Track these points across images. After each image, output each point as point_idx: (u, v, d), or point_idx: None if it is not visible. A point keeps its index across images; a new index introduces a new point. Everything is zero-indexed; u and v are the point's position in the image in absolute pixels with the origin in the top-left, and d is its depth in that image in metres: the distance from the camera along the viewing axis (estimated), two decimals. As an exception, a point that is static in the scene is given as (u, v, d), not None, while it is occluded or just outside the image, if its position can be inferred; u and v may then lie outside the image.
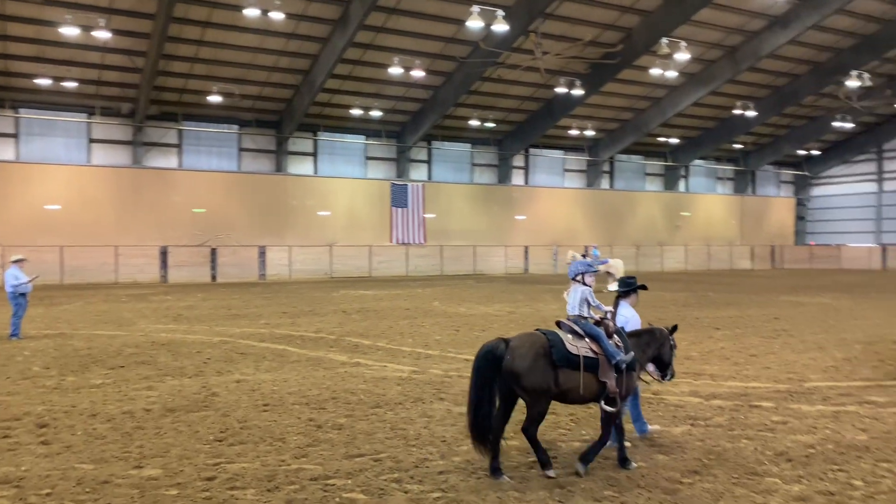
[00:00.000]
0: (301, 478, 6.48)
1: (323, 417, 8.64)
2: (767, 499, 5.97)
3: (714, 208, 54.50)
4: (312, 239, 39.41)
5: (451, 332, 16.34)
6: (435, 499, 5.98)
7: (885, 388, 10.25)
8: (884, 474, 6.56)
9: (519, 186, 47.21)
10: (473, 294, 27.40)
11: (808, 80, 42.36)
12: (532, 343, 6.53)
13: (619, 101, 42.82)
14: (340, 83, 36.44)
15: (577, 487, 6.22)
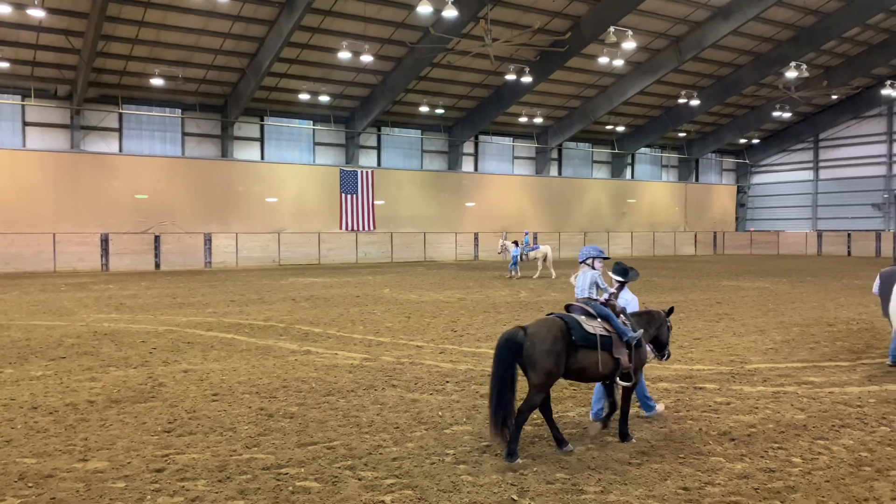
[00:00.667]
0: (253, 467, 6.41)
1: (274, 406, 8.55)
2: (712, 477, 6.16)
3: (659, 195, 55.68)
4: (259, 226, 38.81)
5: (403, 318, 16.34)
6: (389, 485, 5.99)
7: (821, 369, 10.67)
8: (820, 451, 6.84)
9: (469, 173, 47.32)
10: (424, 281, 27.43)
11: (749, 71, 43.51)
12: (549, 327, 6.75)
13: (568, 88, 43.24)
14: (287, 67, 35.82)
15: (530, 470, 6.31)
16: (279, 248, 38.62)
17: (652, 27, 36.94)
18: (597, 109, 44.98)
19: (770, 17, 37.45)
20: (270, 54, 32.66)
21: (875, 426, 7.66)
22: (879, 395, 9.05)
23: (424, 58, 35.41)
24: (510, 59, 37.01)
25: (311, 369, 10.70)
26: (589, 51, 36.88)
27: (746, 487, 5.91)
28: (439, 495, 5.77)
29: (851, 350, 12.16)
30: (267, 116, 40.49)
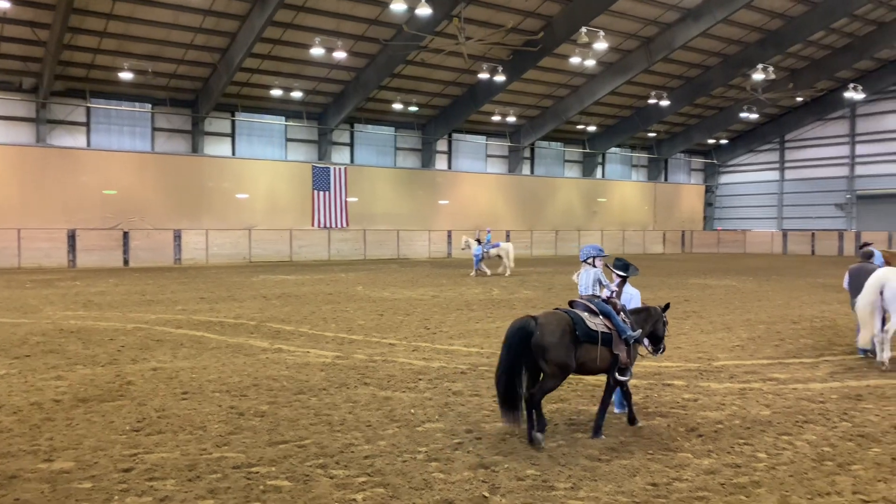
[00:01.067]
0: (223, 466, 6.37)
1: (245, 405, 8.50)
2: (680, 473, 6.27)
3: (629, 194, 56.24)
4: (230, 222, 38.41)
5: (375, 316, 16.32)
6: (361, 483, 5.99)
7: (786, 366, 10.90)
8: (785, 446, 7.00)
9: (442, 171, 47.34)
10: (397, 278, 27.40)
11: (718, 72, 44.14)
12: (558, 320, 7.08)
13: (540, 88, 43.46)
14: (259, 62, 35.49)
15: (501, 467, 6.36)
16: (250, 244, 38.27)
17: (623, 28, 37.29)
18: (568, 109, 45.28)
19: (738, 20, 38.03)
20: (242, 49, 32.33)
21: (837, 422, 7.85)
22: (841, 391, 9.28)
23: (398, 55, 35.35)
24: (483, 58, 37.10)
25: (282, 367, 10.65)
26: (561, 51, 37.11)
27: (713, 483, 6.02)
28: (411, 493, 5.79)
29: (814, 347, 12.43)
30: (238, 112, 40.07)
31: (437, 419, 7.91)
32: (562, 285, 24.66)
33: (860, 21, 40.81)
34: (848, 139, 53.32)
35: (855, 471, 6.31)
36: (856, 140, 52.94)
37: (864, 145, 52.45)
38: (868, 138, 52.16)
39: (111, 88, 35.55)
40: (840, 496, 5.75)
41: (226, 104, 38.81)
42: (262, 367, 10.63)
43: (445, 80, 40.88)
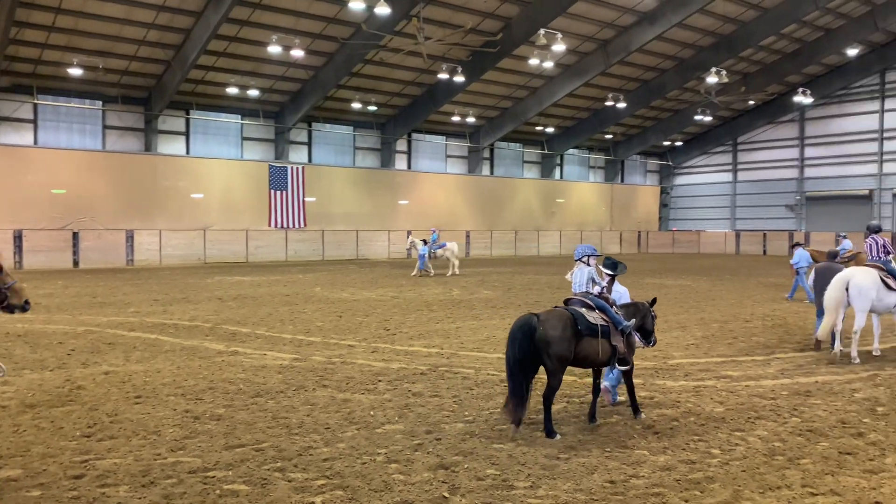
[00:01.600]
0: (178, 471, 6.24)
1: (200, 408, 8.35)
2: (637, 470, 6.36)
3: (586, 195, 56.93)
4: (185, 222, 37.69)
5: (334, 317, 16.19)
6: (320, 486, 5.94)
7: (738, 363, 11.15)
8: (738, 442, 7.15)
9: (402, 171, 47.23)
10: (356, 279, 27.25)
11: (673, 75, 44.98)
12: (560, 316, 7.43)
13: (499, 89, 43.69)
14: (215, 60, 34.91)
15: (461, 467, 6.37)
16: (205, 245, 37.62)
17: (581, 30, 37.72)
18: (527, 110, 45.63)
19: (692, 24, 38.81)
20: (197, 46, 31.77)
21: (787, 417, 8.06)
22: (791, 387, 9.53)
23: (356, 54, 35.16)
24: (443, 58, 37.13)
25: (238, 370, 10.49)
26: (520, 52, 37.37)
27: (669, 479, 6.12)
28: (371, 495, 5.76)
29: (766, 345, 12.74)
30: (193, 110, 39.36)
31: (396, 420, 7.88)
32: (521, 285, 24.84)
33: (808, 27, 42.03)
34: (797, 142, 54.86)
35: (804, 465, 6.49)
36: (805, 143, 54.49)
37: (813, 148, 54.02)
38: (816, 141, 53.74)
39: (60, 85, 34.57)
40: (790, 489, 5.90)
41: (180, 102, 38.09)
42: (218, 370, 10.45)
43: (405, 80, 40.81)
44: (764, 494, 5.79)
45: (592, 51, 40.24)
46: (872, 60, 47.91)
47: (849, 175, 51.72)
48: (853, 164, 51.52)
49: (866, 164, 50.84)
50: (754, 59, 45.48)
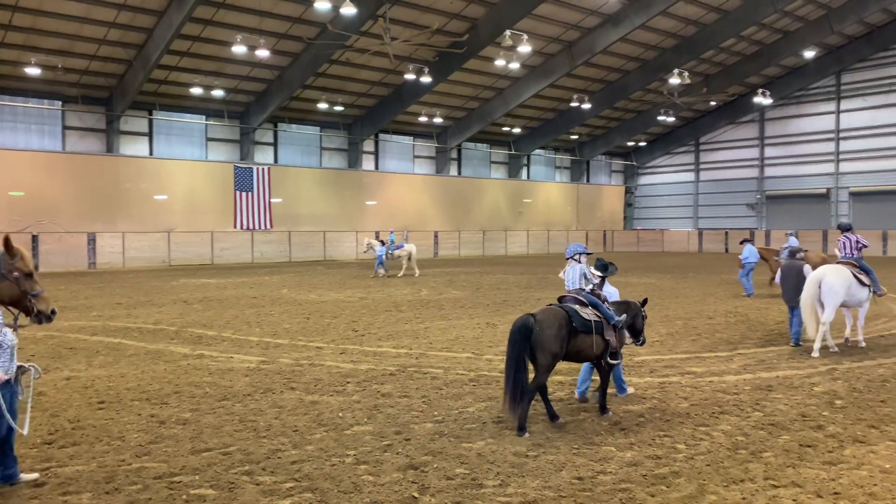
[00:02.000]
0: (143, 477, 6.15)
1: (166, 413, 8.23)
2: (604, 466, 6.44)
3: (553, 195, 57.37)
4: (148, 225, 37.07)
5: (302, 319, 16.08)
6: (288, 489, 5.90)
7: (702, 359, 11.35)
8: (702, 437, 7.29)
9: (369, 172, 47.08)
10: (324, 280, 27.09)
11: (637, 77, 45.57)
12: (555, 315, 7.67)
13: (466, 90, 43.81)
14: (178, 60, 34.41)
15: (431, 467, 6.38)
16: (170, 247, 37.05)
17: (546, 32, 38.01)
18: (494, 111, 45.83)
19: (655, 26, 39.37)
20: (160, 46, 31.28)
21: (750, 412, 8.23)
22: (753, 382, 9.73)
23: (322, 54, 34.96)
24: (409, 59, 37.11)
25: (205, 373, 10.36)
26: (486, 53, 37.53)
27: (636, 474, 6.21)
28: (340, 496, 5.74)
29: (729, 341, 12.99)
30: (156, 110, 38.74)
31: (365, 422, 7.87)
32: (489, 285, 24.93)
33: (767, 29, 42.92)
34: (757, 142, 55.95)
35: (766, 458, 6.63)
36: (765, 143, 55.61)
37: (772, 148, 55.16)
38: (775, 141, 54.88)
39: (17, 84, 33.75)
40: (753, 482, 6.03)
41: (143, 102, 37.47)
42: (184, 374, 10.32)
43: (371, 80, 40.69)
44: (728, 488, 5.91)
45: (557, 52, 40.57)
46: (828, 62, 49.13)
47: (807, 174, 52.92)
48: (811, 164, 52.73)
49: (823, 164, 52.07)
50: (715, 61, 46.29)
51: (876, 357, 11.44)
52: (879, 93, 48.84)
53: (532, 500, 5.66)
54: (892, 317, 15.99)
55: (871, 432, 7.42)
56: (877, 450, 6.85)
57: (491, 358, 11.49)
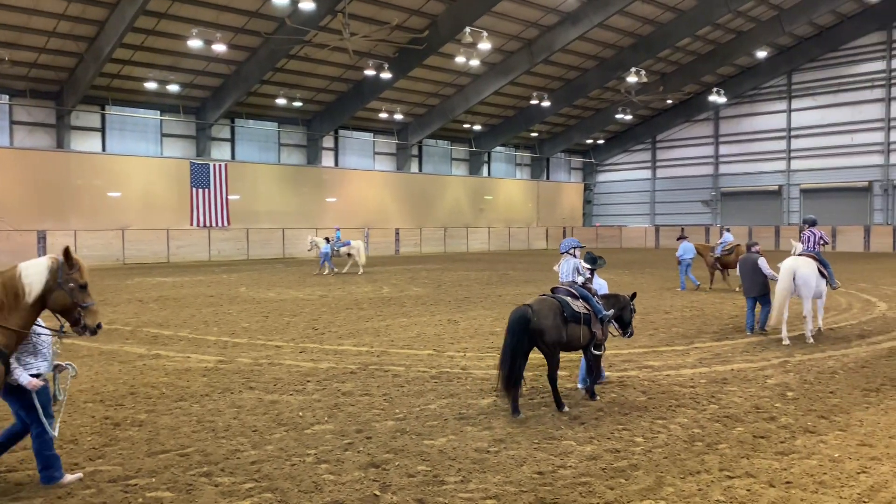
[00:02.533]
0: (98, 480, 6.01)
1: (121, 414, 8.05)
2: (564, 460, 6.50)
3: (514, 192, 57.72)
4: (101, 222, 36.20)
5: (260, 318, 15.89)
6: (248, 489, 5.83)
7: (659, 354, 11.54)
8: (660, 430, 7.41)
9: (329, 168, 46.71)
10: (283, 278, 26.81)
11: (595, 75, 46.09)
12: (550, 305, 8.16)
13: (427, 86, 43.76)
14: (132, 54, 33.63)
15: (392, 465, 6.37)
16: (124, 245, 36.25)
17: (506, 29, 38.17)
18: (455, 108, 45.88)
19: (613, 25, 39.86)
20: (112, 39, 30.51)
21: (705, 404, 8.40)
22: (709, 375, 9.94)
23: (280, 49, 34.53)
24: (369, 55, 36.89)
25: (161, 374, 10.17)
26: (446, 50, 37.54)
27: (595, 468, 6.29)
28: (300, 496, 5.69)
29: (685, 335, 13.24)
30: (109, 105, 37.83)
31: (326, 420, 7.81)
32: (451, 282, 24.98)
33: (721, 29, 43.81)
34: (712, 140, 57.10)
35: (721, 449, 6.78)
36: (719, 141, 56.78)
37: (727, 146, 56.35)
38: (729, 139, 56.08)
39: (-39, 77, 32.67)
40: (709, 473, 6.15)
41: (95, 97, 36.54)
42: (140, 375, 10.11)
43: (330, 76, 40.36)
44: (685, 479, 6.02)
45: (517, 50, 40.79)
46: (780, 62, 50.38)
47: (760, 172, 54.22)
48: (764, 161, 54.04)
49: (775, 161, 53.40)
50: (671, 60, 47.08)
51: (826, 349, 11.79)
52: (828, 92, 50.28)
53: (493, 496, 5.69)
54: (840, 310, 16.49)
55: (820, 423, 7.64)
56: (826, 439, 7.06)
57: (453, 355, 11.52)
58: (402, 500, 5.62)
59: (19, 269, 5.74)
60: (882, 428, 7.43)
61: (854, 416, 7.89)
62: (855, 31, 47.63)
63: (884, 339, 12.83)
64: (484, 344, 12.44)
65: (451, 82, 43.81)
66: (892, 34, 47.32)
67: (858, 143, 49.18)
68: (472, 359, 11.16)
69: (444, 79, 43.08)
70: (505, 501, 5.59)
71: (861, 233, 47.68)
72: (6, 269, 5.79)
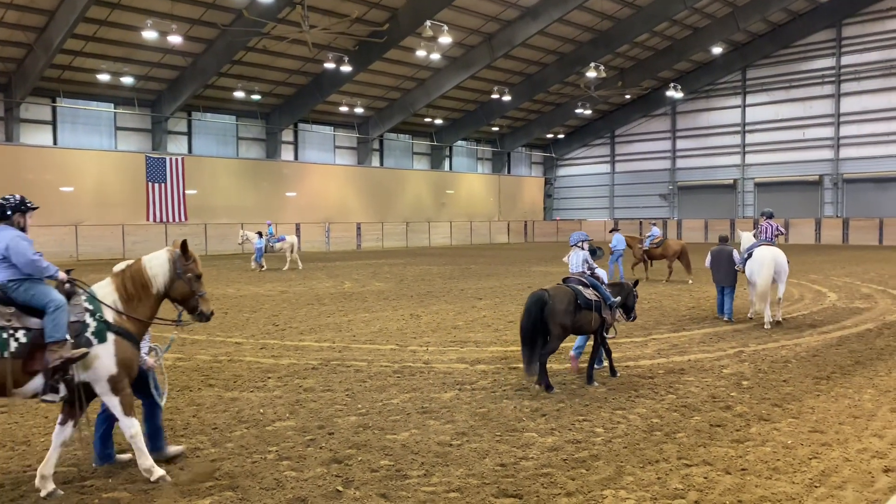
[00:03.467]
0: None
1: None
2: (526, 452, 6.56)
3: (475, 187, 57.87)
4: (54, 218, 35.13)
5: (219, 314, 15.63)
6: (208, 488, 5.75)
7: (619, 345, 11.68)
8: (619, 420, 7.52)
9: (289, 162, 46.21)
10: (242, 274, 26.46)
11: (555, 70, 46.43)
12: (565, 292, 8.98)
13: (387, 80, 43.55)
14: (84, 45, 32.76)
15: (355, 460, 6.35)
16: (77, 241, 35.35)
17: (466, 23, 38.18)
18: (416, 102, 45.78)
19: (572, 20, 40.19)
20: (62, 30, 29.67)
21: (664, 394, 8.55)
22: (667, 366, 10.12)
23: (238, 41, 34.01)
24: (328, 48, 36.57)
25: (117, 372, 9.93)
26: (407, 43, 37.39)
27: (556, 459, 6.35)
28: (262, 494, 5.64)
29: (643, 327, 13.44)
30: (60, 98, 36.80)
31: (287, 417, 7.74)
32: (413, 276, 24.95)
33: (678, 25, 44.52)
34: (670, 134, 58.03)
35: (679, 438, 6.91)
36: (676, 135, 57.73)
37: (683, 140, 57.33)
38: (686, 134, 57.07)
39: None
40: (667, 462, 6.27)
41: (45, 89, 35.52)
42: (95, 373, 9.86)
43: (290, 69, 39.90)
44: (644, 468, 6.12)
45: (478, 44, 40.85)
46: (735, 58, 51.42)
47: (715, 166, 55.29)
48: (719, 156, 55.12)
49: (731, 156, 54.52)
50: (630, 55, 47.68)
51: (779, 339, 12.10)
52: (781, 88, 51.49)
53: (456, 489, 5.71)
54: (793, 301, 16.93)
55: (774, 410, 7.84)
56: (780, 427, 7.25)
57: (415, 349, 11.52)
58: (364, 495, 5.60)
59: (143, 262, 6.26)
60: (832, 415, 7.66)
61: (806, 403, 8.12)
62: (806, 29, 48.87)
63: (834, 328, 13.22)
64: (446, 338, 12.47)
65: (411, 76, 43.67)
66: (842, 31, 48.66)
67: (810, 138, 50.50)
68: (434, 353, 11.18)
69: (404, 72, 42.93)
70: (468, 494, 5.61)
71: (812, 225, 49.08)
72: (131, 263, 6.34)
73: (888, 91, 47.05)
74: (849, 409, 7.88)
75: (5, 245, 5.59)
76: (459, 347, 11.56)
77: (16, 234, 5.69)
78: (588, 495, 5.57)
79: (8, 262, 5.61)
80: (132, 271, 6.21)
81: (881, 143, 47.60)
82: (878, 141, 47.72)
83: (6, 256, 5.57)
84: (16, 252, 5.59)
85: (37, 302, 5.57)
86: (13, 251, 5.57)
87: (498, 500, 5.50)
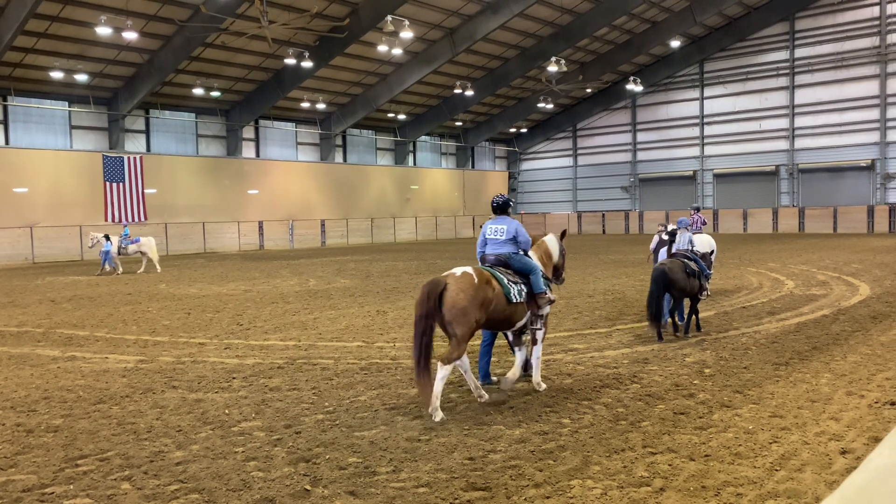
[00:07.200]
0: (11, 491, 5.71)
1: (34, 420, 7.67)
2: (494, 445, 6.59)
3: (440, 182, 57.89)
4: (7, 220, 34.32)
5: (182, 315, 15.43)
6: (173, 491, 5.66)
7: (584, 336, 11.84)
8: (585, 411, 7.61)
9: (250, 159, 45.66)
10: (205, 273, 26.09)
11: (516, 64, 46.64)
12: (680, 265, 11.41)
13: (349, 75, 43.28)
14: (35, 41, 31.92)
15: (322, 459, 6.31)
16: (33, 243, 34.50)
17: (427, 18, 38.11)
18: (378, 97, 45.57)
19: (533, 14, 40.39)
20: (12, 26, 28.86)
21: (628, 384, 8.67)
22: (631, 356, 10.26)
23: (196, 37, 33.46)
24: (289, 43, 36.19)
25: (77, 376, 9.74)
26: (368, 38, 37.19)
27: (524, 451, 6.40)
28: (229, 495, 5.57)
29: (608, 318, 13.61)
30: (11, 96, 35.81)
31: (253, 417, 7.66)
32: (379, 272, 24.88)
33: (637, 19, 45.04)
34: (630, 127, 58.75)
35: (644, 427, 7.02)
36: (637, 128, 58.48)
37: (644, 133, 58.10)
38: (646, 127, 57.84)
39: None
40: (633, 451, 6.36)
41: (-5, 87, 34.53)
42: (54, 378, 9.65)
43: (249, 65, 39.39)
44: (610, 458, 6.20)
45: (439, 39, 40.81)
46: (692, 52, 52.25)
47: (675, 158, 56.17)
48: (679, 148, 56.01)
49: (690, 148, 55.45)
50: (590, 49, 48.11)
51: (739, 327, 12.34)
52: (737, 80, 52.49)
53: (425, 484, 5.72)
54: (752, 289, 17.30)
55: (736, 397, 8.01)
56: (741, 413, 7.40)
57: (382, 345, 11.49)
58: (333, 494, 5.58)
59: (546, 239, 9.27)
60: (791, 399, 7.85)
61: (766, 389, 8.30)
62: (761, 22, 49.90)
63: (791, 315, 13.54)
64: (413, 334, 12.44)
65: (373, 71, 43.47)
66: (794, 25, 49.78)
67: (766, 130, 51.60)
68: (401, 349, 11.16)
69: (366, 67, 42.71)
70: (437, 489, 5.62)
71: (769, 215, 50.17)
72: (538, 241, 9.15)
73: (839, 83, 48.31)
74: (807, 393, 8.08)
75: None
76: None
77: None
78: (556, 486, 5.62)
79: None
80: (545, 245, 9.16)
81: (834, 133, 48.89)
82: (831, 132, 49.00)
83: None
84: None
85: (526, 267, 8.32)
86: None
87: (467, 494, 5.52)
